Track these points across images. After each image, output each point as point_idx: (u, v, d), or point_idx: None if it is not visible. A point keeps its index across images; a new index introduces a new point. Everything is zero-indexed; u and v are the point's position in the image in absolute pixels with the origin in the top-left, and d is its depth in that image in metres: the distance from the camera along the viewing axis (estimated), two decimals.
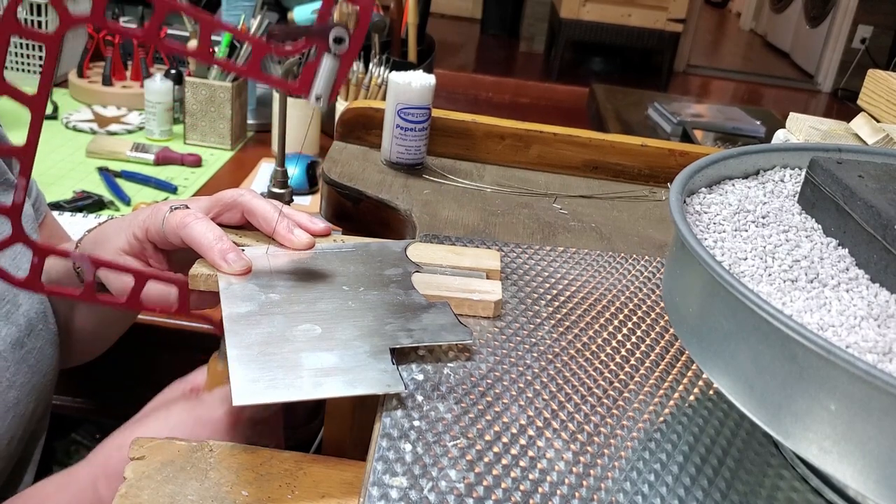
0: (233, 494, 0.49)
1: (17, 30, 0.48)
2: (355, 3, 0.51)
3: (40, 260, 0.56)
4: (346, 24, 0.52)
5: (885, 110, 0.76)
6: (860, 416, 0.34)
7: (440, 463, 0.44)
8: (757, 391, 0.38)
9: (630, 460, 0.46)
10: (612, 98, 2.94)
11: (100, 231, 0.67)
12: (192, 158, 1.48)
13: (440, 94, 0.96)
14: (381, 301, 0.57)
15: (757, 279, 0.44)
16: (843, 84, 4.12)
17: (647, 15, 3.77)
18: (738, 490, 0.44)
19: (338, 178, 0.81)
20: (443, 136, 0.90)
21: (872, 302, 0.42)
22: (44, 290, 0.58)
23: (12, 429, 0.66)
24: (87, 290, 0.58)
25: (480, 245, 0.69)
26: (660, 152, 0.90)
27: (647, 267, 0.70)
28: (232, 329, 0.52)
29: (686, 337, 0.44)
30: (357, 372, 0.49)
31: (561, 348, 0.56)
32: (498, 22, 4.48)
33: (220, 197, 0.63)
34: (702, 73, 4.37)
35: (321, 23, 0.52)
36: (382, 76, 1.54)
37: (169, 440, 0.53)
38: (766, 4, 5.27)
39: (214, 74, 1.55)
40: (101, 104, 1.68)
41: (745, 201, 0.52)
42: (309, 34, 0.52)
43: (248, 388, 0.47)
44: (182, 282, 0.60)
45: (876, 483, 0.34)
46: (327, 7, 0.51)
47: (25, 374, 0.67)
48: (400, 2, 1.72)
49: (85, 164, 1.43)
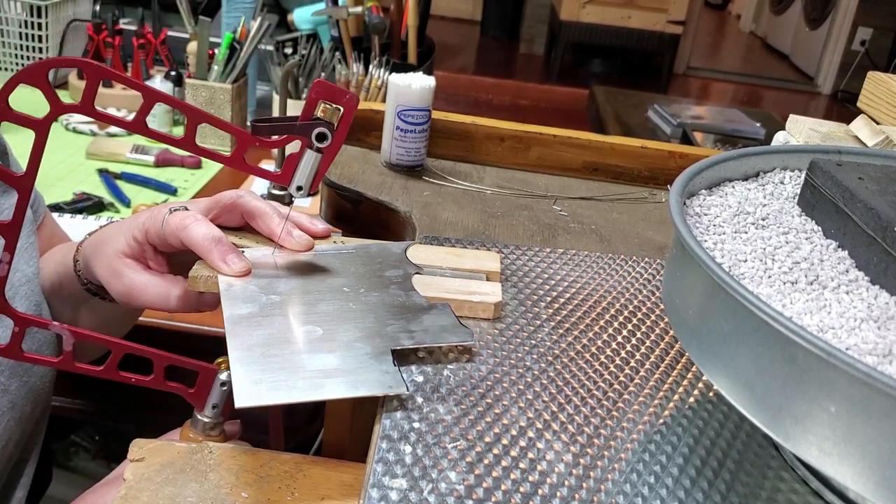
0: (232, 496, 0.49)
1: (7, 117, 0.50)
2: (340, 104, 0.53)
3: (21, 330, 0.58)
4: (329, 121, 0.54)
5: (885, 112, 0.76)
6: (860, 418, 0.34)
7: (440, 465, 0.44)
8: (757, 393, 0.38)
9: (630, 462, 0.46)
10: (611, 100, 2.94)
11: (100, 234, 0.67)
12: (192, 160, 1.48)
13: (440, 96, 0.96)
14: (381, 302, 0.57)
15: (757, 281, 0.44)
16: (843, 86, 4.13)
17: (646, 17, 3.77)
18: (738, 492, 0.44)
19: (338, 179, 0.81)
20: (443, 137, 0.90)
21: (872, 304, 0.42)
22: (24, 358, 0.59)
23: (9, 431, 0.66)
24: (65, 358, 0.59)
25: (480, 247, 0.69)
26: (660, 154, 0.90)
27: (647, 269, 0.70)
28: (233, 331, 0.52)
29: (686, 339, 0.44)
30: (359, 373, 0.49)
31: (561, 350, 0.56)
32: (498, 24, 4.49)
33: (219, 198, 0.63)
34: (702, 75, 4.37)
35: (305, 119, 0.53)
36: (382, 78, 1.54)
37: (168, 442, 0.53)
38: (765, 6, 5.27)
39: (214, 76, 1.55)
40: (102, 106, 1.67)
41: (745, 203, 0.52)
42: (293, 130, 0.54)
43: (251, 389, 0.47)
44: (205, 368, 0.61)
45: (876, 485, 0.34)
46: (311, 105, 0.53)
47: (22, 377, 0.67)
48: (400, 4, 1.72)
49: (85, 166, 1.43)
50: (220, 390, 0.61)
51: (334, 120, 0.54)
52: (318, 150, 0.55)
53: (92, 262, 0.66)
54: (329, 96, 0.53)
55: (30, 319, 0.58)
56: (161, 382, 0.61)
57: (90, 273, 0.67)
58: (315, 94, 0.53)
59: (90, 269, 0.67)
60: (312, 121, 0.54)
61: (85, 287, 0.70)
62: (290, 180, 0.56)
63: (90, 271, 0.67)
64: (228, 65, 1.56)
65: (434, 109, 0.86)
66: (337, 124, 0.54)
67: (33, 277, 0.70)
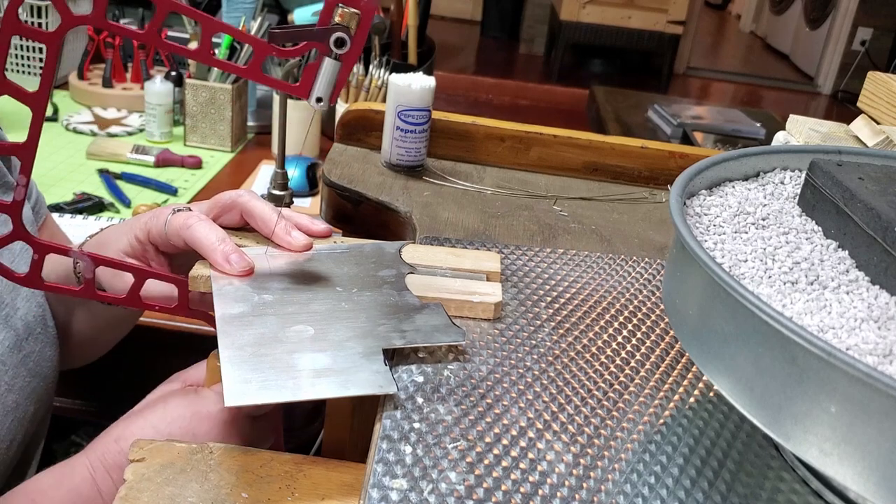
0: (233, 496, 0.49)
1: (18, 30, 0.48)
2: (357, 7, 0.51)
3: (40, 257, 0.57)
4: (347, 25, 0.52)
5: (885, 112, 0.76)
6: (860, 419, 0.34)
7: (440, 465, 0.44)
8: (757, 393, 0.38)
9: (630, 462, 0.46)
10: (612, 100, 2.94)
11: (101, 236, 0.68)
12: (193, 160, 1.48)
13: (440, 96, 0.96)
14: (374, 302, 0.57)
15: (757, 281, 0.44)
16: (843, 86, 4.13)
17: (646, 17, 3.77)
18: (739, 492, 0.44)
19: (338, 179, 0.81)
20: (443, 137, 0.90)
21: (872, 304, 0.42)
22: (44, 286, 0.58)
23: (12, 432, 0.66)
24: (86, 286, 0.59)
25: (480, 247, 0.69)
26: (660, 154, 0.90)
27: (648, 269, 0.70)
28: (224, 330, 0.52)
29: (686, 339, 0.44)
30: (350, 373, 0.49)
31: (561, 350, 0.56)
32: (498, 24, 4.48)
33: (219, 198, 0.63)
34: (702, 75, 4.37)
35: (322, 25, 0.51)
36: (382, 78, 1.54)
37: (169, 442, 0.53)
38: (765, 6, 5.27)
39: (215, 76, 1.55)
40: (102, 106, 1.68)
41: (745, 203, 0.52)
42: (310, 36, 0.52)
43: (240, 388, 0.47)
44: (182, 282, 0.60)
45: (876, 485, 0.34)
46: (328, 9, 0.51)
47: (24, 378, 0.67)
48: (400, 4, 1.72)
49: (85, 166, 1.43)
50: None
51: (352, 25, 0.52)
52: (337, 58, 0.53)
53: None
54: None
55: (49, 246, 0.57)
56: (185, 309, 0.61)
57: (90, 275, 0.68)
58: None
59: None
60: (330, 26, 0.52)
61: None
62: (310, 92, 0.54)
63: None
64: None
65: (434, 109, 0.86)
66: (355, 29, 0.53)
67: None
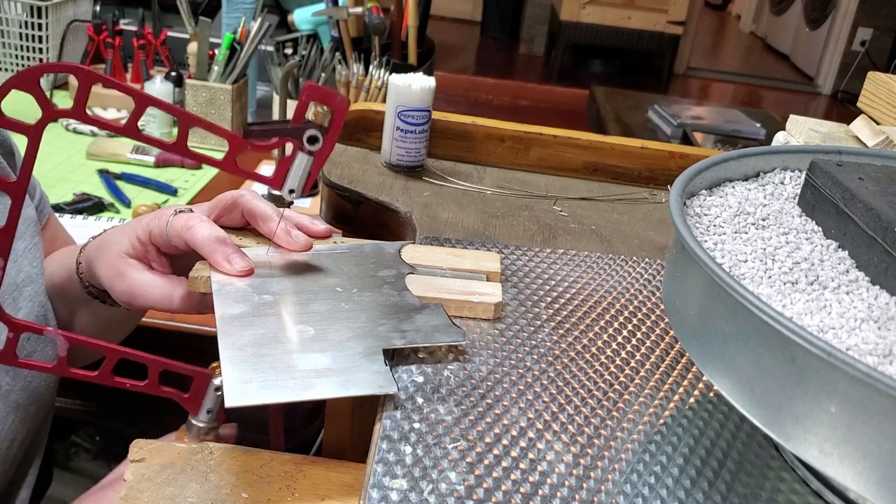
0: (233, 496, 0.49)
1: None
2: (331, 106, 0.53)
3: (15, 335, 0.58)
4: (321, 124, 0.54)
5: (885, 112, 0.76)
6: (860, 419, 0.34)
7: (440, 465, 0.44)
8: (757, 393, 0.38)
9: (630, 463, 0.46)
10: (611, 100, 2.94)
11: (103, 237, 0.68)
12: (192, 161, 1.48)
13: (440, 97, 0.96)
14: (374, 302, 0.57)
15: (757, 281, 0.44)
16: (843, 86, 4.13)
17: (646, 17, 3.77)
18: (739, 493, 0.44)
19: (338, 180, 0.81)
20: (443, 138, 0.90)
21: (873, 304, 0.42)
22: (19, 364, 0.60)
23: (13, 431, 0.66)
24: (59, 364, 0.60)
25: (480, 247, 0.69)
26: (660, 154, 0.90)
27: (648, 269, 0.70)
28: (224, 330, 0.52)
29: (686, 339, 0.44)
30: (350, 373, 0.49)
31: (561, 350, 0.56)
32: (498, 24, 4.49)
33: (220, 199, 0.64)
34: (702, 76, 4.37)
35: (297, 122, 0.53)
36: (382, 78, 1.54)
37: (169, 442, 0.53)
38: (765, 7, 5.27)
39: (214, 76, 1.55)
40: (102, 106, 1.68)
41: (745, 203, 0.52)
42: (285, 133, 0.54)
43: (241, 389, 0.47)
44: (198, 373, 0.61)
45: (876, 485, 0.34)
46: (302, 107, 0.53)
47: (25, 377, 0.67)
48: (400, 4, 1.72)
49: (85, 167, 1.43)
50: (215, 395, 0.61)
51: (325, 122, 0.54)
52: (310, 153, 0.55)
53: (95, 263, 0.66)
54: (320, 99, 0.53)
55: (24, 325, 0.58)
56: (155, 387, 0.61)
57: (92, 276, 0.68)
58: (306, 97, 0.53)
59: (93, 271, 0.67)
60: (304, 124, 0.54)
61: (86, 290, 0.70)
62: (283, 183, 0.56)
63: (93, 274, 0.67)
64: (229, 65, 1.56)
65: (434, 110, 0.86)
66: (328, 127, 0.54)
67: (37, 278, 0.70)
